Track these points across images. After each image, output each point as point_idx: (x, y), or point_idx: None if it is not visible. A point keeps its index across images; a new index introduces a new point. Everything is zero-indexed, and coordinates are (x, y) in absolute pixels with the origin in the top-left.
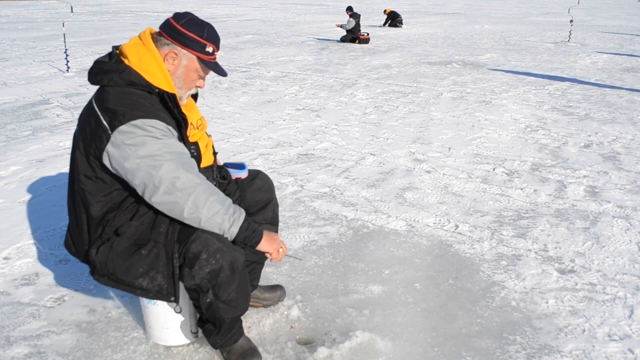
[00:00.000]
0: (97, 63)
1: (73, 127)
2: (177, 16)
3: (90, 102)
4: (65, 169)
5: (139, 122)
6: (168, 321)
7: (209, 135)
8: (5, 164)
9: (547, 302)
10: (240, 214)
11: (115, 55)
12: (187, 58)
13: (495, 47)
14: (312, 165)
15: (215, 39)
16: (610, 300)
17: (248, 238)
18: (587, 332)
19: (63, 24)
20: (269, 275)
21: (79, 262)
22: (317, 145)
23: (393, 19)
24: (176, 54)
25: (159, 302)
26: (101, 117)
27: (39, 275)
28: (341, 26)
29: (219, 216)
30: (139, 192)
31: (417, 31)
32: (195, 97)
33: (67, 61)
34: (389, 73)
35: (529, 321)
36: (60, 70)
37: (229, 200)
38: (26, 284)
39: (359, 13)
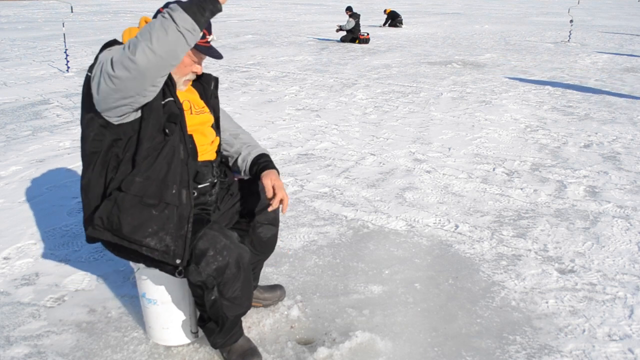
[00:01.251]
0: (101, 48)
1: (73, 127)
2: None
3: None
4: (65, 169)
5: (106, 51)
6: (168, 321)
7: (218, 135)
8: (5, 164)
9: (547, 302)
10: (171, 6)
11: (116, 40)
12: None
13: (495, 47)
14: (312, 165)
15: None
16: (610, 300)
17: (202, 4)
18: (587, 332)
19: (63, 24)
20: (269, 275)
21: (79, 262)
22: (317, 145)
23: (393, 19)
24: None
25: (159, 302)
26: (87, 73)
27: (39, 275)
28: (341, 27)
29: (156, 28)
30: (101, 90)
31: (417, 31)
32: (215, 84)
33: (67, 61)
34: (389, 73)
35: (529, 321)
36: (60, 70)
37: (156, 18)
38: (26, 284)
39: (358, 13)
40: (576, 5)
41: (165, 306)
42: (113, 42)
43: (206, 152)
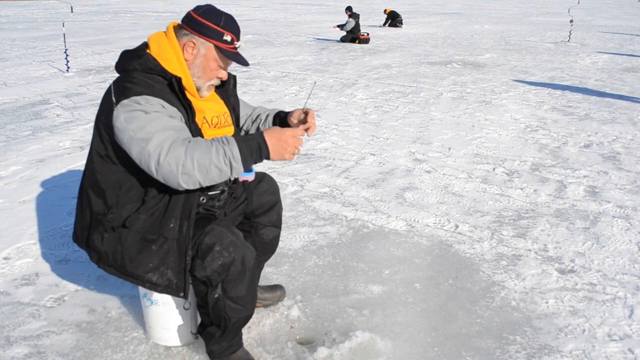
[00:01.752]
0: (124, 52)
1: (73, 127)
2: (197, 7)
3: (110, 85)
4: (65, 169)
5: (141, 98)
6: (169, 322)
7: None
8: (5, 164)
9: (547, 302)
10: (232, 150)
11: (142, 46)
12: (204, 47)
13: (495, 47)
14: (312, 165)
15: (233, 28)
16: (610, 300)
17: (257, 159)
18: (587, 332)
19: (63, 24)
20: (269, 275)
21: (79, 262)
22: (317, 145)
23: (393, 18)
24: (194, 43)
25: (160, 302)
26: (112, 93)
27: (39, 275)
28: (339, 26)
29: (214, 170)
30: (140, 165)
31: (417, 31)
32: (234, 83)
33: (67, 61)
34: (389, 73)
35: (529, 321)
36: (60, 70)
37: (214, 146)
38: (26, 284)
39: (357, 13)
40: (576, 5)
41: (166, 307)
42: (140, 52)
43: None
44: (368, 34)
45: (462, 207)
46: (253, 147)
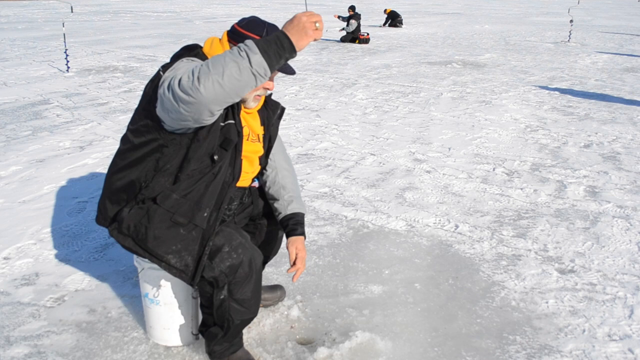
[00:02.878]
0: (182, 48)
1: (73, 127)
2: (240, 20)
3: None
4: (65, 169)
5: (185, 58)
6: (170, 322)
7: (261, 164)
8: (5, 164)
9: (547, 302)
10: (247, 44)
11: (197, 44)
12: None
13: (495, 47)
14: (312, 165)
15: None
16: (610, 300)
17: (279, 51)
18: (587, 332)
19: (63, 24)
20: (269, 275)
21: (79, 262)
22: (317, 145)
23: (393, 18)
24: None
25: (161, 302)
26: (160, 70)
27: (39, 275)
28: (340, 17)
29: (232, 68)
30: (164, 102)
31: (417, 31)
32: (280, 114)
33: (67, 61)
34: (389, 73)
35: (529, 321)
36: (60, 70)
37: (227, 51)
38: (26, 284)
39: (359, 13)
40: (576, 5)
41: (168, 307)
42: (194, 47)
43: (245, 179)
44: (368, 34)
45: (462, 207)
46: (271, 39)
